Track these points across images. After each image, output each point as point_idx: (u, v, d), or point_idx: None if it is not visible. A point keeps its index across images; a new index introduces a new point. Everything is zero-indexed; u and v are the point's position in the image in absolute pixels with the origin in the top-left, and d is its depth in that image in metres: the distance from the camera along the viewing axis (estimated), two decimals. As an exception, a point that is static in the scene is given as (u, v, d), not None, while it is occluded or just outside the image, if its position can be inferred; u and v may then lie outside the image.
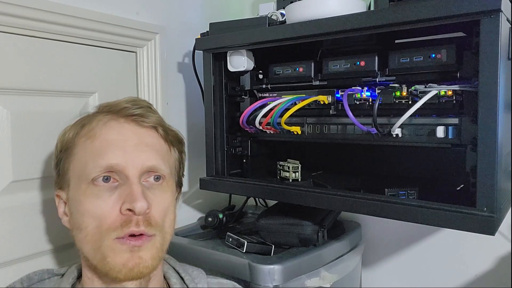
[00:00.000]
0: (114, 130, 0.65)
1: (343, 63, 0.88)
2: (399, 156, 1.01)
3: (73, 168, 0.65)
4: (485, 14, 0.63)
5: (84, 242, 0.62)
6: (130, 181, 0.62)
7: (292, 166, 0.95)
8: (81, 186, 0.62)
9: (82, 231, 0.61)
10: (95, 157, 0.62)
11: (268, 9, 1.04)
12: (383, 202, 0.74)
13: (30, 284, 0.69)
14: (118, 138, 0.64)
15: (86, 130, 0.66)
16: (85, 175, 0.62)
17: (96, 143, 0.64)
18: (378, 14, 0.73)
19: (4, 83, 0.80)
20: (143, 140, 0.65)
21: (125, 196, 0.60)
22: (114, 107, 0.67)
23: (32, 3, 0.80)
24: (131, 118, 0.66)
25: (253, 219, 1.08)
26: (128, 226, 0.59)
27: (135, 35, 1.02)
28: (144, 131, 0.66)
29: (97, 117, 0.67)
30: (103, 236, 0.60)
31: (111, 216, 0.60)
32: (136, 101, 0.69)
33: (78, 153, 0.65)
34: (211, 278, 0.75)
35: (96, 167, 0.61)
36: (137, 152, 0.63)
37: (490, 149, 0.65)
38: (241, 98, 1.05)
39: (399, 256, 1.16)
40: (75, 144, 0.66)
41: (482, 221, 0.65)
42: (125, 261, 0.59)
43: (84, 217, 0.61)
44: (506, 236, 0.98)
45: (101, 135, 0.64)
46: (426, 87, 0.76)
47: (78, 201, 0.62)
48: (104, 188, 0.61)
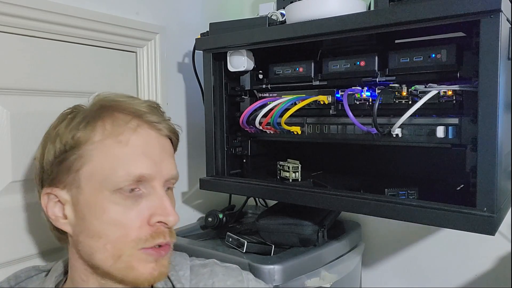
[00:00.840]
0: (143, 137, 0.62)
1: (343, 63, 0.88)
2: (399, 156, 1.01)
3: (89, 170, 0.60)
4: (485, 14, 0.63)
5: (102, 250, 0.59)
6: (158, 192, 0.61)
7: (292, 166, 0.95)
8: (104, 192, 0.59)
9: (102, 239, 0.59)
10: (126, 165, 0.59)
11: (268, 9, 1.04)
12: (383, 202, 0.74)
13: (17, 283, 0.69)
14: (146, 146, 0.62)
15: (112, 131, 0.61)
16: (111, 182, 0.59)
17: (126, 149, 0.60)
18: (378, 14, 0.73)
19: (4, 83, 0.80)
20: (164, 149, 0.65)
21: (155, 208, 0.60)
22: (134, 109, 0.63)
23: (32, 3, 0.80)
24: (153, 125, 0.64)
25: (253, 219, 1.08)
26: (158, 237, 0.60)
27: (135, 35, 1.02)
28: (163, 140, 0.66)
29: (121, 117, 0.62)
30: (127, 246, 0.59)
31: (138, 227, 0.59)
32: (155, 106, 0.67)
33: (99, 156, 0.60)
34: (194, 261, 0.75)
35: (128, 176, 0.59)
36: (162, 162, 0.63)
37: (490, 149, 0.65)
38: (241, 98, 1.05)
39: (399, 256, 1.16)
40: (94, 144, 0.60)
41: (482, 221, 0.65)
42: (152, 270, 0.60)
43: (106, 225, 0.59)
44: (506, 236, 0.98)
45: (132, 141, 0.61)
46: (426, 87, 0.76)
47: (100, 207, 0.59)
48: (129, 197, 0.59)
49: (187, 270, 0.71)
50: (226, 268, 0.74)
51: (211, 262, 0.75)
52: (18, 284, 0.69)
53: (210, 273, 0.72)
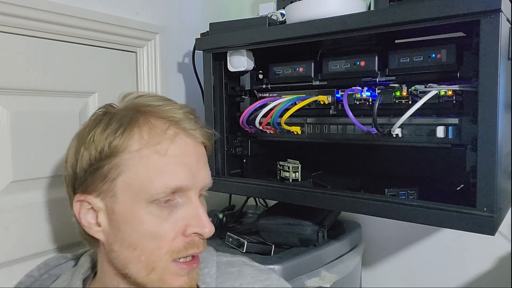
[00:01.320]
0: (181, 146, 0.61)
1: (343, 63, 0.88)
2: (399, 156, 1.01)
3: (126, 180, 0.59)
4: (485, 14, 0.63)
5: (137, 261, 0.59)
6: (193, 202, 0.60)
7: (292, 166, 0.95)
8: (141, 203, 0.58)
9: (137, 250, 0.58)
10: (163, 176, 0.58)
11: (268, 9, 1.04)
12: (383, 202, 0.74)
13: (47, 270, 0.70)
14: (184, 156, 0.61)
15: (150, 140, 0.59)
16: (148, 193, 0.58)
17: (164, 159, 0.59)
18: (378, 14, 0.73)
19: (4, 83, 0.80)
20: (201, 157, 0.63)
21: (190, 218, 0.59)
22: (171, 116, 0.61)
23: (32, 3, 0.80)
24: (189, 132, 0.62)
25: (253, 219, 1.08)
26: (192, 248, 0.59)
27: (135, 35, 1.02)
28: (199, 147, 0.64)
29: (158, 124, 0.61)
30: (161, 258, 0.58)
31: (173, 238, 0.58)
32: (190, 112, 0.64)
33: (137, 166, 0.58)
34: (221, 257, 0.73)
35: (165, 188, 0.58)
36: (198, 171, 0.62)
37: (490, 149, 0.65)
38: (241, 98, 1.05)
39: (399, 256, 1.16)
40: (132, 154, 0.59)
41: (482, 221, 0.65)
42: (183, 283, 0.60)
43: (142, 237, 0.58)
44: (506, 236, 0.98)
45: (170, 151, 0.59)
46: (426, 87, 0.76)
47: (136, 218, 0.58)
48: (165, 207, 0.58)
49: (213, 267, 0.69)
50: (254, 269, 0.72)
51: (240, 262, 0.73)
52: (47, 271, 0.70)
53: (238, 273, 0.70)
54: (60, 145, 0.88)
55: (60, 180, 0.89)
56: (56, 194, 0.89)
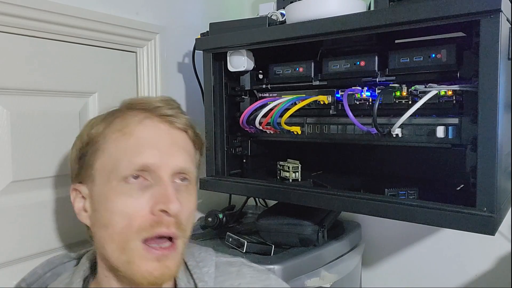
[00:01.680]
0: (149, 128, 0.63)
1: (343, 63, 0.87)
2: (399, 156, 1.01)
3: (101, 163, 0.63)
4: (485, 14, 0.63)
5: (109, 240, 0.60)
6: (164, 182, 0.60)
7: (292, 166, 0.95)
8: (111, 183, 0.61)
9: (109, 229, 0.60)
10: (129, 155, 0.61)
11: (268, 9, 1.04)
12: (383, 202, 0.74)
13: (50, 268, 0.70)
14: (153, 137, 0.63)
15: (120, 125, 0.64)
16: (117, 172, 0.60)
17: (131, 140, 0.62)
18: (378, 14, 0.73)
19: (4, 83, 0.80)
20: (176, 141, 0.65)
21: (158, 197, 0.59)
22: (147, 105, 0.65)
23: (32, 3, 0.80)
24: (164, 118, 0.65)
25: (253, 219, 1.08)
26: (159, 227, 0.59)
27: (135, 35, 1.02)
28: (176, 132, 0.66)
29: (131, 113, 0.65)
30: (130, 237, 0.59)
31: (141, 216, 0.59)
32: (168, 101, 0.68)
33: (109, 149, 0.63)
34: (220, 257, 0.73)
35: (131, 164, 0.60)
36: (171, 152, 0.63)
37: (490, 149, 0.65)
38: (241, 98, 1.05)
39: (399, 256, 1.16)
40: (106, 139, 0.63)
41: (482, 221, 0.65)
42: (152, 269, 0.58)
43: (112, 215, 0.60)
44: (506, 236, 0.98)
45: (136, 132, 0.62)
46: (426, 87, 0.76)
47: (107, 198, 0.61)
48: (135, 187, 0.60)
49: (211, 266, 0.70)
50: (253, 269, 0.72)
51: (239, 262, 0.73)
52: (51, 270, 0.70)
53: (237, 273, 0.70)
54: (60, 145, 0.88)
55: (60, 180, 0.89)
56: (56, 194, 0.89)
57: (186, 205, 0.62)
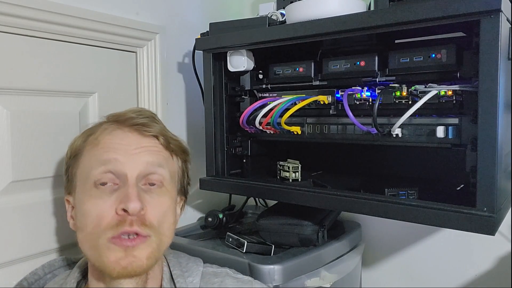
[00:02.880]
0: (118, 137, 0.68)
1: (343, 63, 0.87)
2: (399, 156, 1.01)
3: (79, 173, 0.68)
4: (485, 14, 0.63)
5: (84, 241, 0.65)
6: (128, 183, 0.64)
7: (292, 166, 0.95)
8: (85, 188, 0.66)
9: (83, 231, 0.65)
10: (98, 162, 0.66)
11: (268, 9, 1.04)
12: (383, 202, 0.74)
13: (51, 270, 0.74)
14: (120, 144, 0.67)
15: (92, 138, 0.69)
16: (89, 178, 0.65)
17: (100, 149, 0.67)
18: (378, 14, 0.73)
19: (4, 83, 0.80)
20: (144, 146, 0.68)
21: (121, 197, 0.63)
22: (120, 117, 0.70)
23: (32, 3, 0.80)
24: (135, 128, 0.68)
25: (253, 219, 1.08)
26: (122, 225, 0.62)
27: (135, 35, 1.02)
28: (146, 140, 0.69)
29: (103, 126, 0.70)
30: (99, 235, 0.62)
31: (108, 216, 0.62)
32: (141, 111, 0.71)
33: (84, 160, 0.68)
34: (207, 268, 0.76)
35: (98, 170, 0.65)
36: (137, 155, 0.66)
37: (490, 149, 0.65)
38: (241, 98, 1.05)
39: (399, 256, 1.16)
40: (82, 151, 0.69)
41: (482, 221, 0.65)
42: (118, 259, 0.61)
43: (84, 218, 0.64)
44: (506, 236, 0.98)
45: (105, 142, 0.67)
46: (426, 87, 0.76)
47: (81, 203, 0.66)
48: (104, 190, 0.64)
49: (197, 276, 0.73)
50: (237, 281, 0.75)
51: (224, 273, 0.76)
52: (52, 272, 0.74)
53: (220, 283, 0.73)
54: (60, 145, 0.88)
55: (60, 180, 0.89)
56: (56, 194, 0.89)
57: (155, 205, 0.65)
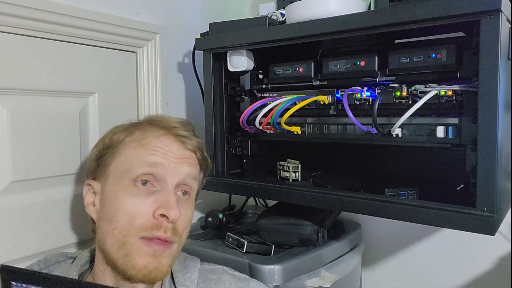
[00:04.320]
0: (163, 143, 0.70)
1: (343, 63, 0.87)
2: (399, 156, 1.01)
3: (116, 164, 0.70)
4: (485, 14, 0.63)
5: (111, 234, 0.65)
6: (168, 189, 0.67)
7: (292, 166, 0.95)
8: (123, 182, 0.67)
9: (112, 223, 0.65)
10: (142, 161, 0.68)
11: (268, 9, 1.04)
12: (383, 202, 0.74)
13: (46, 266, 0.74)
14: (165, 150, 0.70)
15: (139, 137, 0.71)
16: (129, 173, 0.67)
17: (146, 150, 0.69)
18: (378, 14, 0.73)
19: (4, 83, 0.80)
20: (185, 158, 0.72)
21: (161, 202, 0.65)
22: (166, 123, 0.73)
23: (32, 3, 0.80)
24: (179, 138, 0.72)
25: (253, 219, 1.08)
26: (158, 230, 0.64)
27: (135, 35, 1.02)
28: (186, 152, 0.73)
29: (151, 128, 0.73)
30: (130, 233, 0.63)
31: (143, 217, 0.64)
32: (184, 123, 0.75)
33: (126, 154, 0.70)
34: (204, 265, 0.78)
35: (142, 163, 0.67)
36: (178, 164, 0.70)
37: (490, 149, 0.65)
38: (241, 98, 1.05)
39: (399, 256, 1.16)
40: (124, 145, 0.71)
41: (482, 221, 0.65)
42: (147, 263, 0.63)
43: (117, 211, 0.65)
44: (506, 236, 0.98)
45: (152, 144, 0.70)
46: (426, 87, 0.76)
47: (116, 196, 0.67)
48: (142, 190, 0.66)
49: (194, 272, 0.74)
50: (234, 278, 0.76)
51: (221, 270, 0.78)
52: (47, 267, 0.74)
53: (217, 280, 0.74)
54: (60, 145, 0.88)
55: (60, 180, 0.89)
56: (56, 195, 0.89)
57: (184, 215, 0.69)
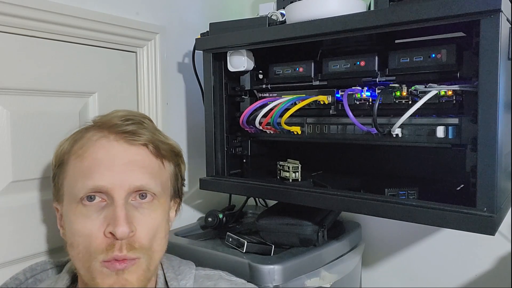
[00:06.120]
0: (103, 148, 0.63)
1: (343, 63, 0.87)
2: (399, 156, 1.01)
3: (66, 185, 0.65)
4: (485, 14, 0.63)
5: (76, 259, 0.62)
6: (115, 203, 0.61)
7: (292, 166, 0.95)
8: (72, 204, 0.62)
9: (74, 249, 0.62)
10: (83, 178, 0.62)
11: (268, 9, 1.04)
12: (383, 202, 0.74)
13: (33, 275, 0.71)
14: (106, 157, 0.63)
15: (77, 147, 0.65)
16: (74, 194, 0.62)
17: (85, 162, 0.63)
18: (378, 14, 0.73)
19: (4, 83, 0.80)
20: (132, 159, 0.64)
21: (109, 219, 0.60)
22: (106, 123, 0.65)
23: (32, 3, 0.80)
24: (121, 136, 0.64)
25: (253, 219, 1.08)
26: (112, 250, 0.59)
27: (135, 35, 1.02)
28: (134, 149, 0.65)
29: (89, 132, 0.66)
30: (91, 257, 0.60)
31: (97, 238, 0.60)
32: (128, 116, 0.66)
33: (69, 171, 0.65)
34: (199, 271, 0.74)
35: (84, 188, 0.61)
36: (125, 172, 0.62)
37: (490, 149, 0.65)
38: (241, 98, 1.05)
39: (399, 256, 1.16)
40: (67, 161, 0.65)
41: (482, 221, 0.65)
42: (111, 283, 0.59)
43: (75, 236, 0.61)
44: (506, 236, 0.98)
45: (90, 154, 0.63)
46: (426, 87, 0.76)
47: (70, 220, 0.63)
48: (92, 208, 0.61)
49: (190, 279, 0.71)
50: (231, 283, 0.73)
51: (217, 275, 0.74)
52: (33, 276, 0.72)
53: (214, 286, 0.72)
54: (60, 145, 0.88)
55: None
56: (56, 194, 0.89)
57: (146, 223, 0.62)
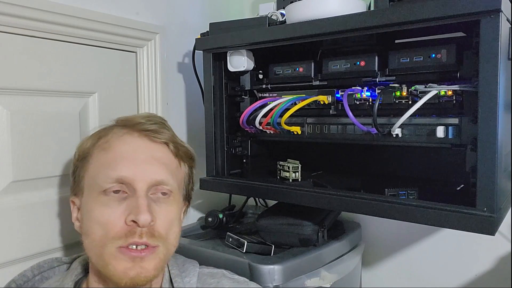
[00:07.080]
0: (127, 143, 0.68)
1: (343, 63, 0.87)
2: (399, 156, 1.01)
3: (87, 177, 0.68)
4: (485, 14, 0.63)
5: (90, 247, 0.65)
6: (137, 194, 0.64)
7: (292, 166, 0.95)
8: (93, 194, 0.65)
9: (89, 237, 0.64)
10: (107, 169, 0.65)
11: (268, 9, 1.04)
12: (383, 202, 0.74)
13: (40, 272, 0.73)
14: (130, 151, 0.67)
15: (102, 141, 0.69)
16: (97, 185, 0.65)
17: (109, 154, 0.67)
18: (378, 14, 0.73)
19: (4, 83, 0.80)
20: (154, 155, 0.68)
21: (131, 208, 0.63)
22: (130, 122, 0.70)
23: (32, 3, 0.80)
24: (145, 133, 0.69)
25: (253, 219, 1.08)
26: (132, 236, 0.62)
27: (135, 35, 1.02)
28: (155, 146, 0.69)
29: (113, 130, 0.70)
30: (107, 244, 0.62)
31: (117, 226, 0.62)
32: (151, 117, 0.72)
33: (93, 163, 0.68)
34: (203, 269, 0.77)
35: (108, 178, 0.64)
36: (147, 165, 0.66)
37: (490, 149, 0.65)
38: (241, 98, 1.05)
39: (399, 256, 1.16)
40: (91, 154, 0.69)
41: (482, 221, 0.65)
42: (126, 269, 0.61)
43: (92, 224, 0.64)
44: (506, 236, 0.98)
45: (115, 147, 0.67)
46: (426, 87, 0.76)
47: (89, 209, 0.65)
48: (113, 199, 0.64)
49: (193, 277, 0.73)
50: (233, 281, 0.75)
51: (220, 273, 0.76)
52: (41, 273, 0.73)
53: (217, 284, 0.73)
54: (60, 145, 0.88)
55: (60, 180, 0.89)
56: (56, 195, 0.89)
57: (163, 215, 0.66)
